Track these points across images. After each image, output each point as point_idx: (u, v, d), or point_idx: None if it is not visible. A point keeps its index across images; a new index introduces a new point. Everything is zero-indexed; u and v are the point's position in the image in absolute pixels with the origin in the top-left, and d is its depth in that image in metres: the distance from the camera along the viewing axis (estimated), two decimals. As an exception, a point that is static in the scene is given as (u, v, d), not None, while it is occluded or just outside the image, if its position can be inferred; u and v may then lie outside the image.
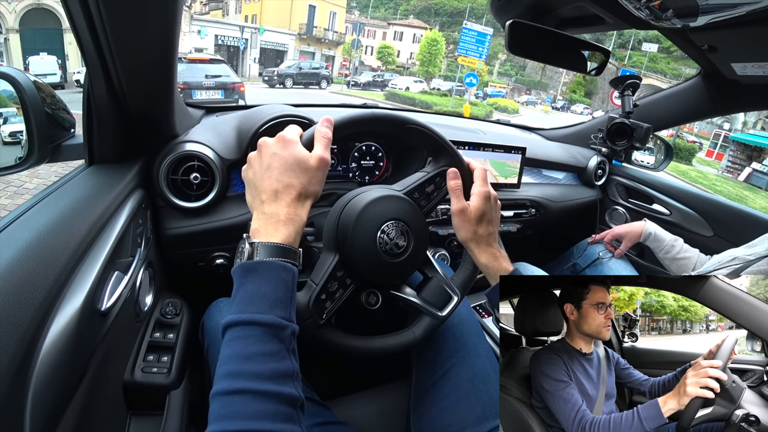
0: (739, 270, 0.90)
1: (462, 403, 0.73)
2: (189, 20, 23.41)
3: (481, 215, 0.70)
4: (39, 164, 0.73)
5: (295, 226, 0.53)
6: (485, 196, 0.71)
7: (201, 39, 24.29)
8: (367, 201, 0.67)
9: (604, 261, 1.41)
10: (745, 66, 1.08)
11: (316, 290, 0.62)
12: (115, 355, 0.67)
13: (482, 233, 0.71)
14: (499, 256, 0.72)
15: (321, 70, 22.31)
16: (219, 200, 0.95)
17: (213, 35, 25.32)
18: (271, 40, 29.48)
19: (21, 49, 16.72)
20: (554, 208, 1.48)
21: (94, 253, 0.58)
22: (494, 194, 0.73)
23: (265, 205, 0.53)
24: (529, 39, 1.11)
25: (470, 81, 13.81)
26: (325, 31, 34.58)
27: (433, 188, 0.75)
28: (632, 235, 1.34)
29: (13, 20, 16.78)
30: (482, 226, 0.71)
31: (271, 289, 0.48)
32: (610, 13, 1.00)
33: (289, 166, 0.54)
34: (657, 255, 1.30)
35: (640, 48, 37.40)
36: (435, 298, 0.74)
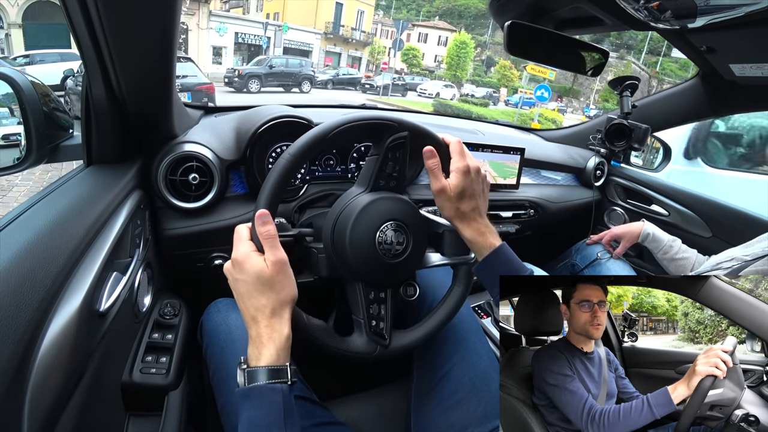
0: (737, 270, 0.90)
1: (464, 404, 0.73)
2: (207, 16, 22.32)
3: (462, 191, 0.67)
4: (37, 164, 0.73)
5: (276, 344, 0.54)
6: (463, 171, 0.67)
7: (220, 36, 23.19)
8: (364, 203, 0.67)
9: (603, 261, 1.41)
10: (743, 67, 1.08)
11: (364, 324, 0.67)
12: (113, 356, 0.67)
13: (465, 209, 0.68)
14: (485, 231, 0.69)
15: (303, 69, 18.15)
16: (218, 201, 0.95)
17: (233, 33, 24.05)
18: (295, 39, 27.70)
19: (24, 46, 15.07)
20: (553, 208, 1.48)
21: (93, 254, 0.58)
22: (475, 166, 0.69)
23: (250, 329, 0.56)
24: (528, 40, 1.11)
25: (541, 95, 11.59)
26: (352, 31, 32.50)
27: (393, 165, 0.71)
28: (631, 235, 1.35)
29: (15, 14, 15.50)
30: (464, 202, 0.68)
31: (264, 413, 0.51)
32: (608, 14, 1.00)
33: (252, 288, 0.55)
34: (655, 255, 1.31)
35: (670, 54, 36.29)
36: (456, 249, 0.75)
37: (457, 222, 0.69)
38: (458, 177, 0.67)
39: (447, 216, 0.69)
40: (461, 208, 0.68)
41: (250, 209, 0.97)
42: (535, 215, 1.44)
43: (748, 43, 0.97)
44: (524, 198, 1.42)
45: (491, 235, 0.69)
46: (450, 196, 0.67)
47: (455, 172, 0.68)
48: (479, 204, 0.69)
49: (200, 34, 22.02)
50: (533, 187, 1.49)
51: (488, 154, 1.30)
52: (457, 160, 0.69)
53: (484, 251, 0.67)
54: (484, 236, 0.68)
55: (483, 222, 0.69)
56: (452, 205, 0.68)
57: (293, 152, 0.62)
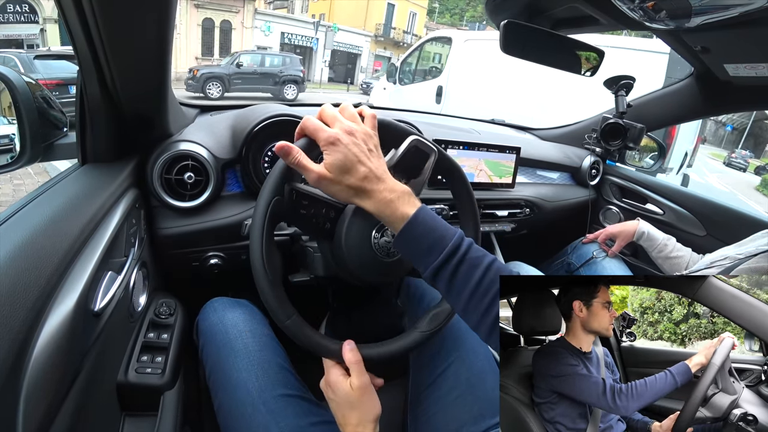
0: (731, 268, 0.91)
1: (459, 402, 0.74)
2: (252, 14, 21.06)
3: (341, 165, 0.56)
4: (31, 163, 0.73)
5: None
6: (332, 141, 0.56)
7: (266, 36, 21.70)
8: None
9: (598, 260, 1.42)
10: (737, 67, 1.09)
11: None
12: (108, 356, 0.66)
13: (354, 182, 0.56)
14: (392, 199, 0.57)
15: (286, 69, 14.15)
16: (213, 200, 0.94)
17: (279, 32, 22.40)
18: (343, 41, 25.08)
19: (60, 41, 14.16)
20: (548, 207, 1.49)
21: (87, 253, 0.57)
22: (345, 128, 0.57)
23: None
24: (524, 39, 1.12)
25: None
26: (404, 34, 29.34)
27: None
28: (626, 234, 1.36)
29: (51, 9, 14.72)
30: (350, 174, 0.56)
31: None
32: (604, 14, 1.01)
33: (343, 406, 0.62)
34: (650, 254, 1.31)
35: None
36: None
37: (356, 200, 0.58)
38: (331, 151, 0.56)
39: (344, 199, 0.59)
40: (350, 183, 0.56)
41: (245, 208, 0.96)
42: (531, 214, 1.45)
43: (743, 43, 0.97)
44: (520, 197, 1.42)
45: (401, 202, 0.57)
46: (332, 178, 0.56)
47: (325, 147, 0.57)
48: (370, 166, 0.57)
49: (244, 33, 20.87)
50: (529, 186, 1.49)
51: (484, 153, 1.30)
52: (319, 130, 0.57)
53: (397, 224, 0.57)
54: (391, 206, 0.57)
55: (386, 186, 0.57)
56: (340, 186, 0.57)
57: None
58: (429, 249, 0.56)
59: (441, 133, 1.30)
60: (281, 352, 0.80)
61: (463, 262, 0.55)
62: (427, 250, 0.56)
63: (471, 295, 0.55)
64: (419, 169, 0.70)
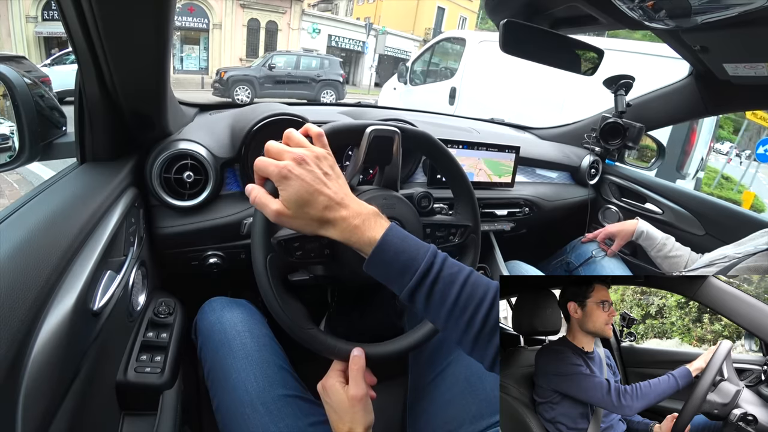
0: (729, 268, 0.91)
1: (458, 401, 0.74)
2: (299, 16, 20.10)
3: (297, 198, 0.53)
4: (30, 162, 0.72)
5: None
6: (283, 175, 0.53)
7: (312, 39, 20.63)
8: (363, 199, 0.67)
9: (597, 259, 1.42)
10: (736, 66, 1.09)
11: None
12: (107, 355, 0.66)
13: (316, 214, 0.54)
14: (358, 225, 0.54)
15: (324, 73, 12.61)
16: (212, 199, 0.94)
17: (326, 35, 21.33)
18: (390, 46, 23.15)
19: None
20: (548, 207, 1.49)
21: (86, 252, 0.57)
22: (296, 156, 0.54)
23: None
24: (523, 38, 1.12)
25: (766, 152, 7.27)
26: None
27: (445, 232, 0.80)
28: (624, 233, 1.36)
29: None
30: (309, 207, 0.54)
31: None
32: (603, 13, 1.00)
33: (334, 412, 0.63)
34: (649, 253, 1.32)
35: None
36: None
37: (321, 231, 0.56)
38: (282, 186, 0.54)
39: (310, 232, 0.56)
40: (311, 215, 0.54)
41: (244, 207, 0.96)
42: (530, 213, 1.45)
43: (742, 42, 0.97)
44: (519, 196, 1.42)
45: (367, 226, 0.55)
46: (291, 214, 0.54)
47: (277, 184, 0.54)
48: (329, 193, 0.54)
49: (290, 35, 20.01)
50: (528, 185, 1.50)
51: (483, 152, 1.30)
52: (268, 166, 0.54)
53: (365, 249, 0.55)
54: (357, 232, 0.54)
55: (349, 212, 0.55)
56: (301, 220, 0.55)
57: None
58: (401, 272, 0.54)
59: (440, 132, 1.30)
60: (280, 353, 0.80)
61: (437, 281, 0.53)
62: (399, 273, 0.54)
63: (449, 313, 0.53)
64: (388, 154, 0.71)
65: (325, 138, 0.60)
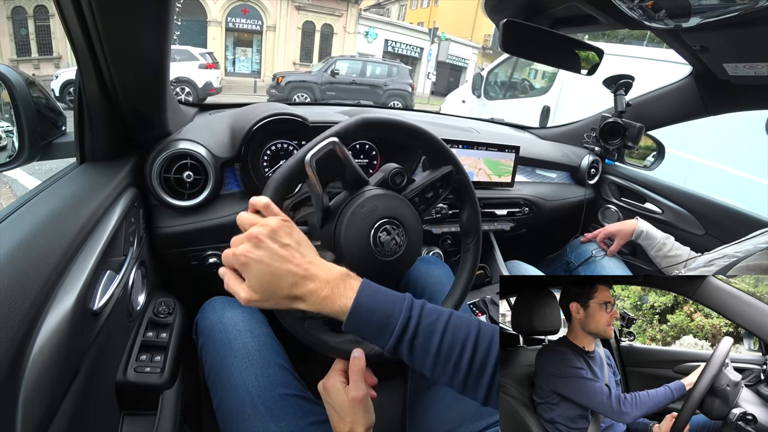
0: (729, 266, 0.91)
1: (458, 401, 0.74)
2: (356, 19, 19.00)
3: (262, 285, 0.52)
4: (29, 162, 0.72)
5: None
6: (242, 262, 0.52)
7: (368, 43, 19.61)
8: (359, 201, 0.67)
9: (597, 259, 1.42)
10: (736, 66, 1.09)
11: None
12: (107, 355, 0.66)
13: (286, 294, 0.53)
14: (327, 296, 0.53)
15: (391, 82, 11.26)
16: (212, 199, 0.94)
17: (383, 39, 20.22)
18: (449, 53, 22.06)
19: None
20: (547, 206, 1.49)
21: (86, 252, 0.57)
22: (253, 235, 0.53)
23: None
24: (523, 38, 1.11)
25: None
26: None
27: (432, 194, 0.75)
28: (624, 233, 1.36)
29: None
30: (277, 288, 0.52)
31: None
32: (603, 13, 1.00)
33: (335, 412, 0.61)
34: (648, 253, 1.32)
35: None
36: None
37: (293, 306, 0.54)
38: (245, 274, 0.53)
39: (283, 308, 0.55)
40: (281, 296, 0.53)
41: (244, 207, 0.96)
42: (530, 213, 1.45)
43: (742, 42, 0.98)
44: (519, 196, 1.42)
45: (337, 294, 0.53)
46: (260, 299, 0.53)
47: (240, 272, 0.54)
48: (293, 269, 0.53)
49: (346, 39, 19.19)
50: (528, 185, 1.50)
51: (483, 152, 1.30)
52: (228, 256, 0.54)
53: (340, 317, 0.54)
54: (328, 302, 0.53)
55: (316, 285, 0.53)
56: (272, 302, 0.53)
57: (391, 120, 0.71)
58: (379, 331, 0.54)
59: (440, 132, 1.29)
60: (281, 352, 0.80)
61: (417, 335, 0.54)
62: (377, 333, 0.54)
63: (434, 363, 0.54)
64: (339, 163, 0.68)
65: (273, 206, 0.58)
